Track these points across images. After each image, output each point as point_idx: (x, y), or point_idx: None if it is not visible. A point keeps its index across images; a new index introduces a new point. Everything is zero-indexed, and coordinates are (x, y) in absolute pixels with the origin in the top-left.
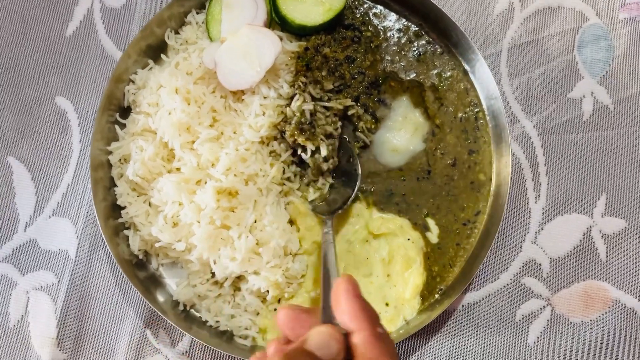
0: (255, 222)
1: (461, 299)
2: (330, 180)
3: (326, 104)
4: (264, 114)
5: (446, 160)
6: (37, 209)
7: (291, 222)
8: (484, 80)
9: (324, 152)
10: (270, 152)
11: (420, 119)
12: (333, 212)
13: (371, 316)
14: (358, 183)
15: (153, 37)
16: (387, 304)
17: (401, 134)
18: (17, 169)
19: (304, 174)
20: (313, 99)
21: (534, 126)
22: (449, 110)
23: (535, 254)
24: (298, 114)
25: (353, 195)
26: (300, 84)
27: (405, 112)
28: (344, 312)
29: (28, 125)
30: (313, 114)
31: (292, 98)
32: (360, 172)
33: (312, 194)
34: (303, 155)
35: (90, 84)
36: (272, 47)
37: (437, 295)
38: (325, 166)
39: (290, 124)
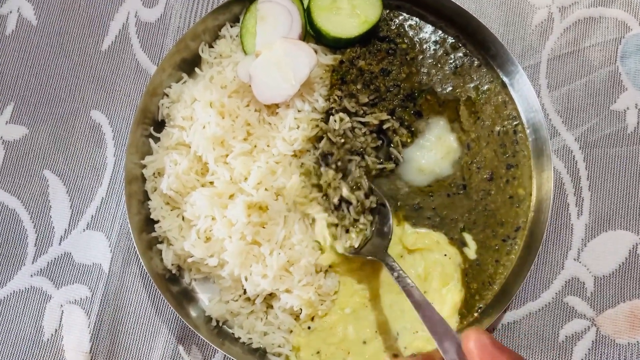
0: (284, 239)
1: (501, 318)
2: (370, 217)
3: (362, 119)
4: (298, 127)
5: (482, 175)
6: (71, 222)
7: None
8: (524, 92)
9: (364, 186)
10: (301, 165)
11: (454, 144)
12: (386, 248)
13: None
14: (390, 212)
15: (187, 50)
16: None
17: (431, 154)
18: (53, 182)
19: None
20: (348, 113)
21: (575, 139)
22: (486, 124)
23: (579, 272)
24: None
25: (391, 222)
26: (336, 97)
27: (440, 133)
28: None
29: (64, 139)
30: (351, 130)
31: (327, 112)
32: (386, 202)
33: (355, 239)
34: (345, 192)
35: (124, 98)
36: (307, 60)
37: (476, 314)
38: (367, 203)
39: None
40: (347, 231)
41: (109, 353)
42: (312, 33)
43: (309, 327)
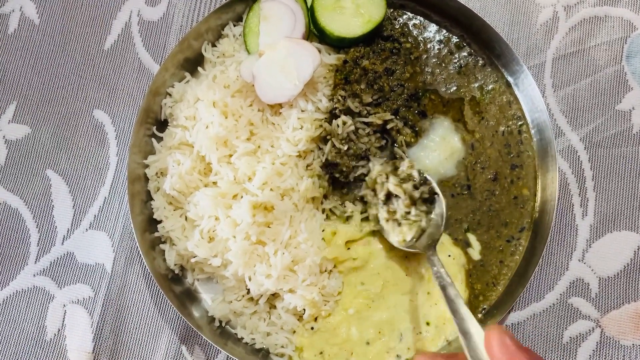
0: (290, 238)
1: (505, 319)
2: (424, 207)
3: (365, 119)
4: (301, 127)
5: (487, 175)
6: (74, 222)
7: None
8: (529, 92)
9: (415, 175)
10: (307, 166)
11: (459, 144)
12: (436, 242)
13: None
14: (443, 201)
15: (190, 50)
16: (427, 323)
17: (435, 155)
18: (56, 181)
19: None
20: (352, 113)
21: (580, 139)
22: (490, 124)
23: (583, 273)
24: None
25: (445, 214)
26: (339, 97)
27: (444, 133)
28: None
29: (66, 139)
30: (355, 131)
31: (330, 112)
32: (439, 191)
33: (408, 233)
34: (391, 186)
35: (127, 97)
36: (310, 60)
37: (480, 315)
38: (416, 194)
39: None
40: (399, 224)
41: (111, 353)
42: (315, 32)
43: (312, 328)
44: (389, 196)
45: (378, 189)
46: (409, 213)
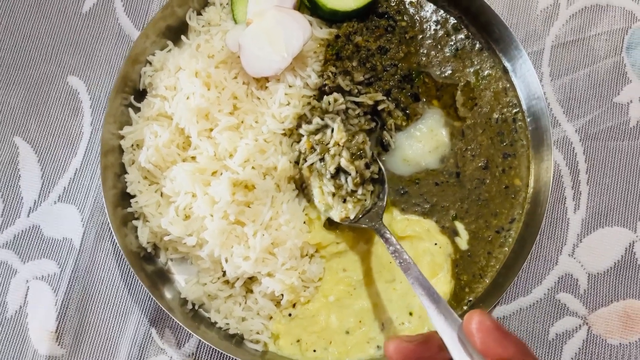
0: (270, 219)
1: (490, 313)
2: (371, 188)
3: (356, 99)
4: (288, 103)
5: (477, 163)
6: (42, 193)
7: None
8: (526, 79)
9: (368, 153)
10: (292, 144)
11: (445, 139)
12: (381, 217)
13: (520, 350)
14: (385, 179)
15: (173, 17)
16: (410, 313)
17: (419, 145)
18: (24, 150)
19: (338, 188)
20: (342, 91)
21: (575, 131)
22: (484, 111)
23: (573, 268)
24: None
25: (385, 195)
26: (330, 74)
27: (433, 125)
28: (487, 347)
29: (37, 105)
30: (345, 111)
31: (319, 89)
32: (384, 171)
33: (352, 210)
34: (343, 162)
35: (104, 64)
36: (301, 32)
37: (465, 307)
38: (367, 173)
39: (343, 156)
40: (345, 201)
41: (76, 333)
42: (307, 4)
43: (289, 314)
44: (338, 171)
45: (328, 159)
46: (355, 191)
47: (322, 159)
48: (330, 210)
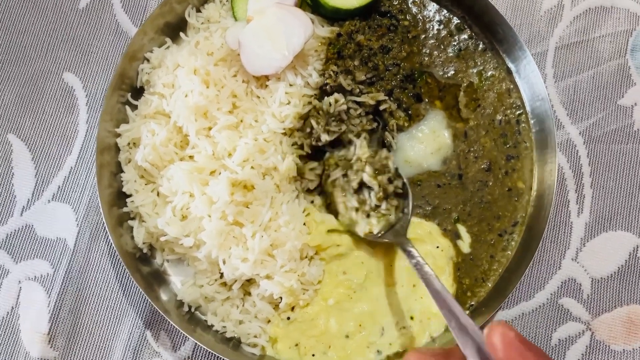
0: (270, 220)
1: (493, 317)
2: (395, 202)
3: (357, 98)
4: (289, 103)
5: (480, 165)
6: (36, 192)
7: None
8: (530, 80)
9: (391, 167)
10: (293, 144)
11: (448, 141)
12: (405, 232)
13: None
14: (410, 194)
15: (172, 13)
16: (412, 318)
17: (421, 147)
18: (18, 147)
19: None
20: (343, 90)
21: (579, 133)
22: (487, 112)
23: (576, 272)
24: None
25: (411, 206)
26: (331, 73)
27: (436, 126)
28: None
29: (32, 102)
30: (346, 111)
31: (320, 88)
32: (408, 185)
33: (376, 226)
34: (365, 177)
35: (101, 61)
36: (302, 30)
37: (467, 312)
38: (390, 188)
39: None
40: (368, 216)
41: (68, 336)
42: (308, 1)
43: (288, 318)
44: (361, 186)
45: (351, 175)
46: (379, 206)
47: (345, 175)
48: (354, 225)
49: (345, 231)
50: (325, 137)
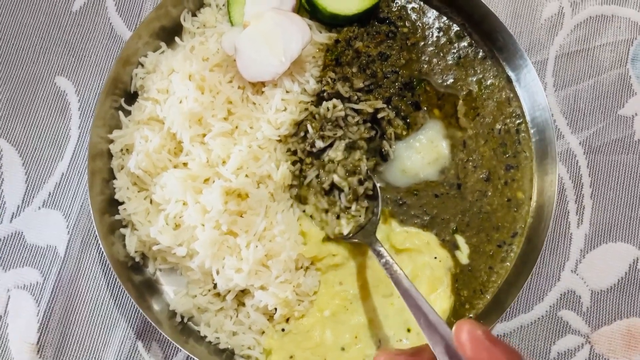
0: (264, 230)
1: (490, 330)
2: (365, 204)
3: (355, 106)
4: (285, 109)
5: (479, 174)
6: (26, 198)
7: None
8: (531, 89)
9: (363, 171)
10: (287, 151)
11: (445, 151)
12: (374, 232)
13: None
14: (380, 196)
15: (168, 17)
16: (408, 330)
17: (418, 157)
18: (8, 152)
19: (331, 204)
20: (341, 98)
21: (579, 143)
22: (486, 121)
23: (575, 284)
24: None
25: (379, 210)
26: (329, 79)
27: (433, 136)
28: (479, 358)
29: (23, 106)
30: (344, 118)
31: (318, 95)
32: (377, 186)
33: (345, 227)
34: (336, 178)
35: (94, 65)
36: (300, 36)
37: None
38: (361, 190)
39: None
40: (338, 217)
41: (58, 345)
42: (306, 7)
43: (283, 329)
44: (332, 187)
45: (322, 176)
46: (349, 208)
47: (317, 176)
48: (325, 226)
49: (342, 241)
50: (319, 144)
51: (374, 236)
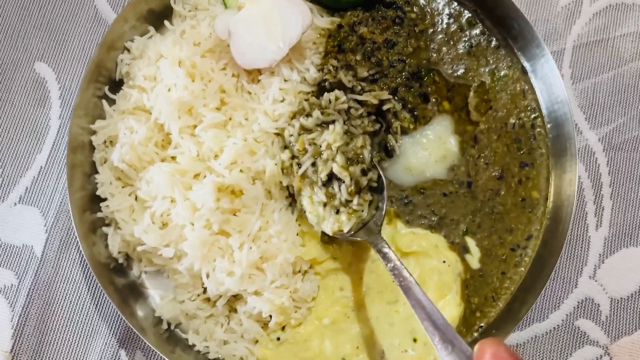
0: (259, 230)
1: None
2: (369, 197)
3: (359, 97)
4: (283, 100)
5: (491, 172)
6: (0, 194)
7: None
8: (548, 80)
9: (366, 159)
10: (285, 146)
11: (454, 149)
12: (379, 231)
13: None
14: (386, 188)
15: (156, 0)
16: (414, 340)
17: (425, 154)
18: None
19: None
20: (344, 88)
21: (599, 140)
22: (499, 115)
23: (594, 292)
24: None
25: (385, 204)
26: (331, 68)
27: (442, 132)
28: None
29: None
30: (347, 110)
31: (319, 84)
32: (384, 179)
33: (346, 223)
34: (335, 168)
35: (77, 50)
36: (300, 19)
37: (475, 334)
38: (364, 181)
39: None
40: (338, 212)
41: (34, 354)
42: None
43: (278, 338)
44: (331, 178)
45: (320, 165)
46: (350, 201)
47: (313, 164)
48: (322, 222)
49: (341, 240)
50: (317, 114)
51: (379, 235)
